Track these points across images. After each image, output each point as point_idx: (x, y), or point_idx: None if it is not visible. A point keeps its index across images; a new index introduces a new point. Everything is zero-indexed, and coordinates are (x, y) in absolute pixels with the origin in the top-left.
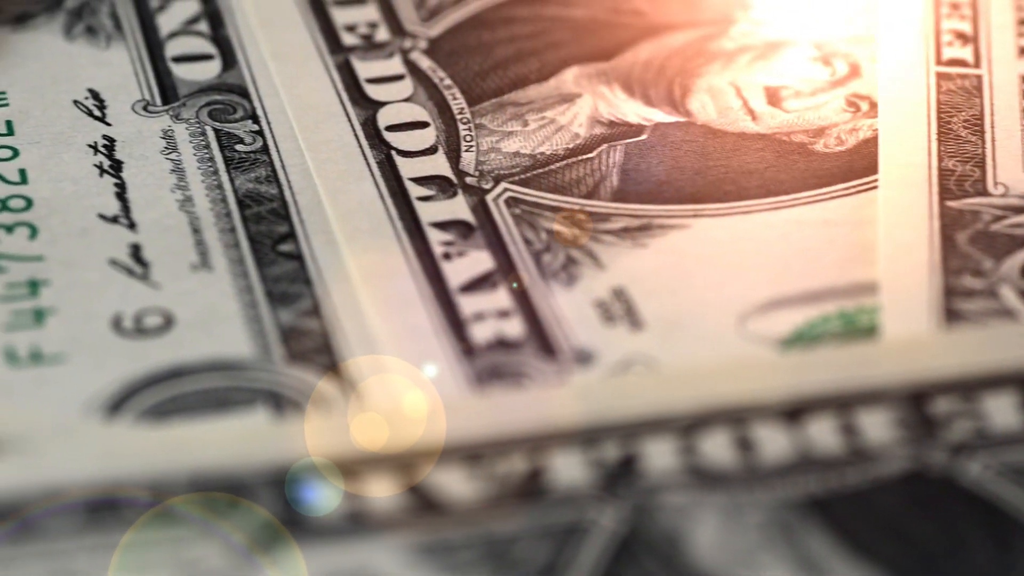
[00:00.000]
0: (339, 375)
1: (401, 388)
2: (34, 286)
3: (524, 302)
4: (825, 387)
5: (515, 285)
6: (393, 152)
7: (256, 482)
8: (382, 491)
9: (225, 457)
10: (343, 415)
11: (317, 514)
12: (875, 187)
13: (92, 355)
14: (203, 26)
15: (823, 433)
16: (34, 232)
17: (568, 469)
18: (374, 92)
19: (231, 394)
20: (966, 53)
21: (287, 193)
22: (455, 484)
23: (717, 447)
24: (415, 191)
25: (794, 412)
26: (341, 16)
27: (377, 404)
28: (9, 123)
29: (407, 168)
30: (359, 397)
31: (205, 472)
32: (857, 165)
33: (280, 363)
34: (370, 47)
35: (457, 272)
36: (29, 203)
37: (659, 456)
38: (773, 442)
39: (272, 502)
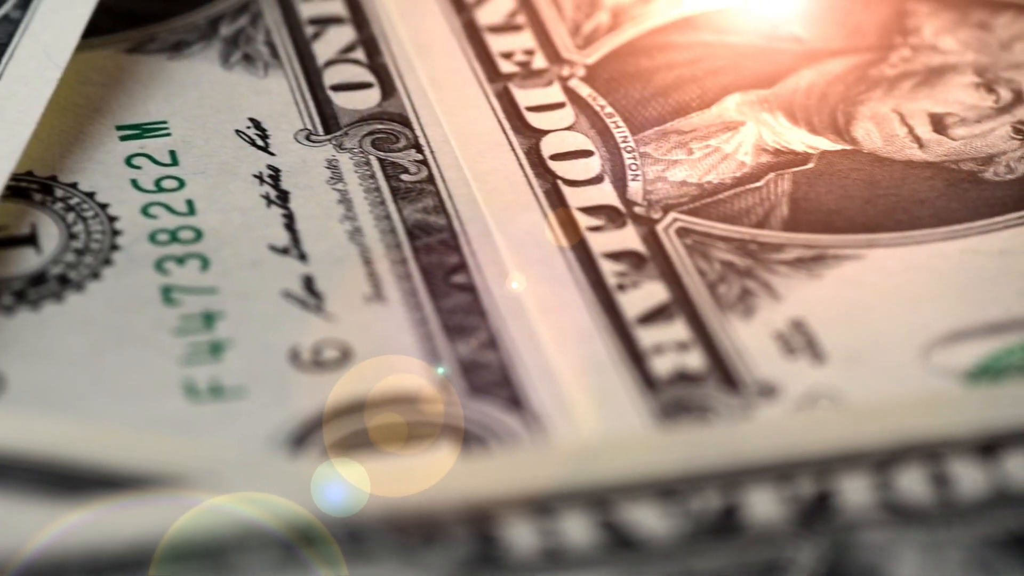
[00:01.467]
0: (522, 408)
1: (587, 422)
2: (209, 319)
3: (703, 335)
4: (1019, 421)
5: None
6: (559, 181)
7: (448, 519)
8: (576, 527)
9: (416, 493)
10: (530, 449)
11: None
12: None
13: (272, 389)
14: (359, 54)
15: (1019, 468)
16: (206, 263)
17: (763, 505)
18: (535, 120)
19: (415, 429)
20: None
21: (455, 223)
22: (650, 520)
23: (912, 483)
24: (584, 221)
25: (989, 447)
26: (497, 43)
27: (563, 438)
28: (173, 153)
29: (574, 198)
30: (544, 431)
31: (396, 509)
32: None
33: (462, 397)
34: (528, 75)
35: (632, 304)
36: (199, 234)
37: (854, 492)
38: (969, 478)
39: (466, 539)
